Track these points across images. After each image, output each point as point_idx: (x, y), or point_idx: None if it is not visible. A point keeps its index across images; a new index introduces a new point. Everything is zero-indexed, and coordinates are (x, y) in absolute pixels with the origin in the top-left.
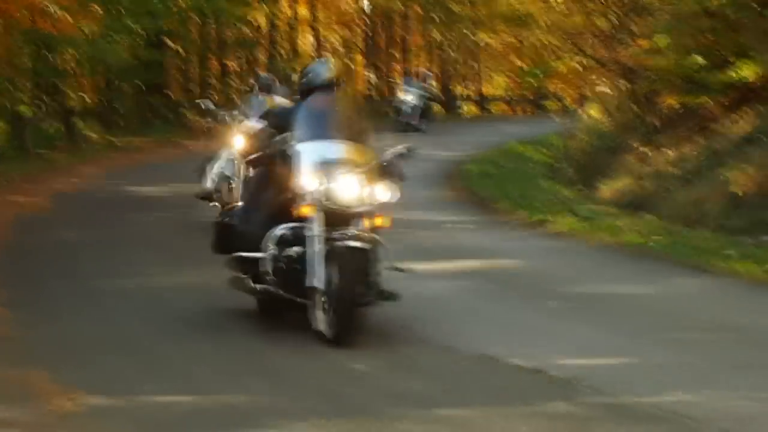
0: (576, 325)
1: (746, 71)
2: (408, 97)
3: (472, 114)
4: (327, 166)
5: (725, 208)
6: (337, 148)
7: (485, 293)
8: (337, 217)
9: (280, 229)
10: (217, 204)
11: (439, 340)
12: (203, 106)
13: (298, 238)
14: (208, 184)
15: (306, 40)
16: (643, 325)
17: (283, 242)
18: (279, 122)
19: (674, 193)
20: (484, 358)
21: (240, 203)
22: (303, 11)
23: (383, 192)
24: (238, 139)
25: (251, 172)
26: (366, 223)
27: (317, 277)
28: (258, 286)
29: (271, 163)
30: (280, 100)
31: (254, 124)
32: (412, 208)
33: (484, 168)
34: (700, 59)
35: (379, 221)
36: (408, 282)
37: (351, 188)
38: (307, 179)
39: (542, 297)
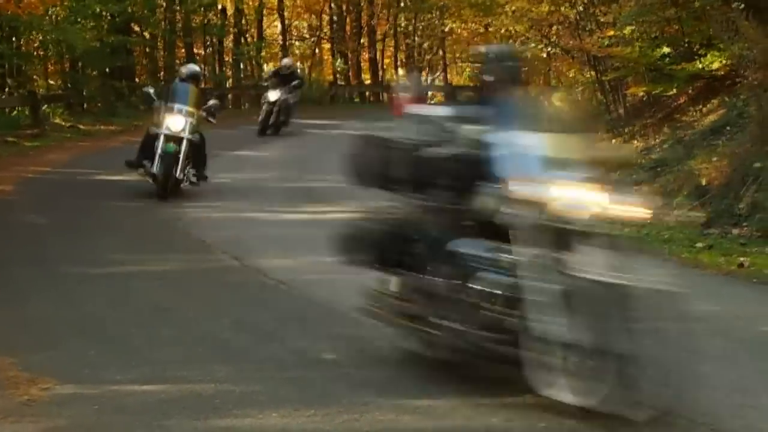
0: None
1: (712, 61)
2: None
3: (439, 101)
4: (549, 164)
5: (692, 199)
6: (554, 141)
7: None
8: (564, 241)
9: (470, 248)
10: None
11: None
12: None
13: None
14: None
15: (273, 26)
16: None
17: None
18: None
19: (641, 184)
20: None
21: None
22: None
23: (639, 208)
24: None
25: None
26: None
27: (557, 324)
28: (432, 331)
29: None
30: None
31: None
32: (382, 197)
33: None
34: (666, 48)
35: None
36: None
37: (591, 199)
38: (524, 182)
39: None
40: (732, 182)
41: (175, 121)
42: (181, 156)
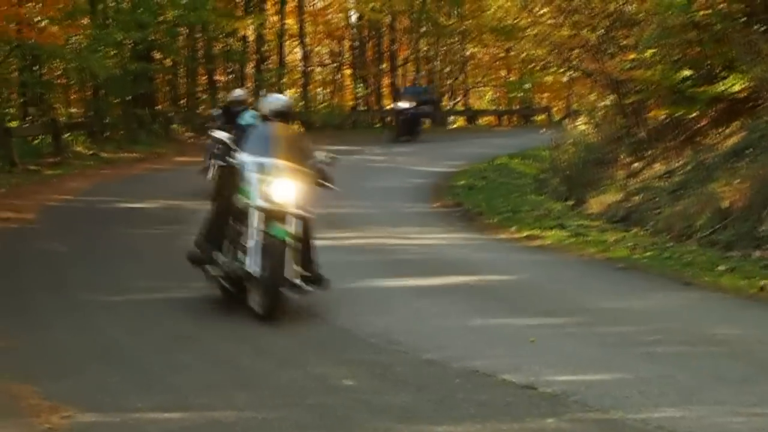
0: (564, 339)
1: (733, 83)
2: None
3: (460, 126)
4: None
5: (713, 222)
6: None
7: (474, 308)
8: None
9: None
10: None
11: (428, 354)
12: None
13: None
14: None
15: (294, 53)
16: (631, 340)
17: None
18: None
19: (662, 207)
20: (472, 373)
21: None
22: (291, 23)
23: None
24: None
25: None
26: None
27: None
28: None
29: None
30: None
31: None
32: (400, 222)
33: (473, 181)
34: (687, 71)
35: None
36: (397, 297)
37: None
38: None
39: (531, 311)
40: (754, 205)
41: (281, 188)
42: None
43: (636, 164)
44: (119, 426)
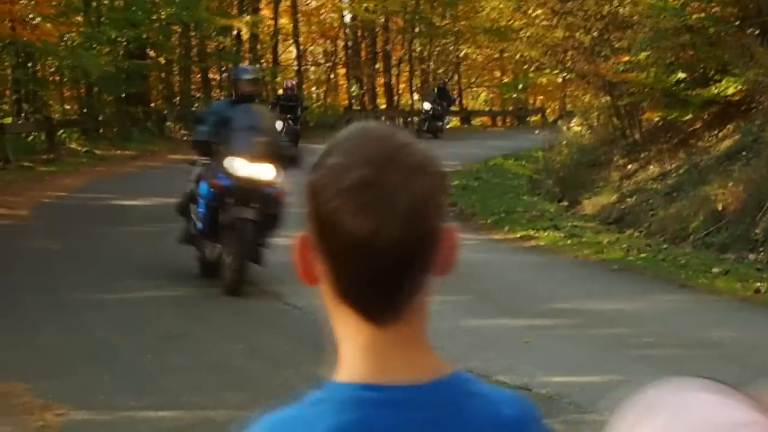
0: (559, 341)
1: (727, 87)
2: None
3: (454, 127)
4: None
5: (708, 225)
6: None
7: (468, 308)
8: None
9: None
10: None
11: None
12: None
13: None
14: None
15: (288, 52)
16: (625, 342)
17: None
18: None
19: (657, 209)
20: None
21: None
22: (285, 23)
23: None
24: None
25: None
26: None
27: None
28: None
29: None
30: None
31: None
32: None
33: (467, 182)
34: (680, 74)
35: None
36: None
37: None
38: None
39: (525, 313)
40: (748, 208)
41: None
42: None
43: (630, 166)
44: (112, 424)
